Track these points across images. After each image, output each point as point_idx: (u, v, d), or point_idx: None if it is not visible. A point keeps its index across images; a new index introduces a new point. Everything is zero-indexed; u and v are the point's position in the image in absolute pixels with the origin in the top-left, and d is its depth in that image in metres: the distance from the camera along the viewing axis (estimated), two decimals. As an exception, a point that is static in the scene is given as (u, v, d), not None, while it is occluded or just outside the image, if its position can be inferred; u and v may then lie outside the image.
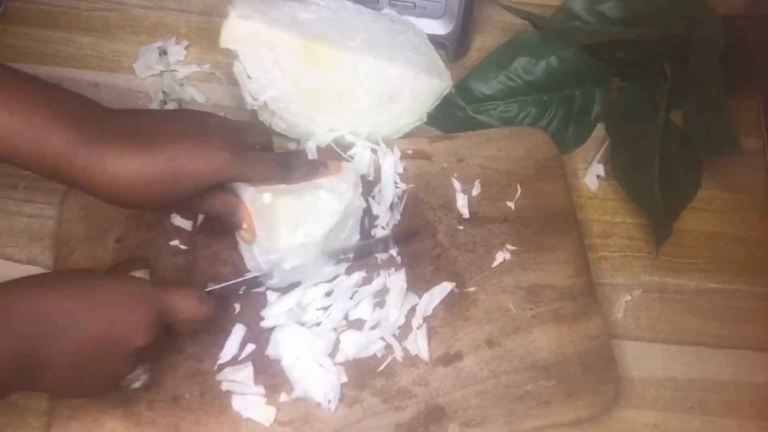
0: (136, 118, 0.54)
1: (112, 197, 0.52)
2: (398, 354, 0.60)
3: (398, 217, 0.66)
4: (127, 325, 0.50)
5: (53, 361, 0.48)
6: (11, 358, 0.46)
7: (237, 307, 0.61)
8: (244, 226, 0.58)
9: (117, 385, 0.54)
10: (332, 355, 0.59)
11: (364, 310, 0.61)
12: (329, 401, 0.58)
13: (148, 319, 0.51)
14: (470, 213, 0.66)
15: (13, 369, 0.47)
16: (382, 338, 0.60)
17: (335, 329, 0.60)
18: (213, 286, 0.58)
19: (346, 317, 0.61)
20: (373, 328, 0.60)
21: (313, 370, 0.58)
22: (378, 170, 0.67)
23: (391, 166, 0.67)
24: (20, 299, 0.48)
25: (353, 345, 0.59)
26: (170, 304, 0.53)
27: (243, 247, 0.61)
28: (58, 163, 0.50)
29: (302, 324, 0.60)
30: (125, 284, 0.53)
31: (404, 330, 0.61)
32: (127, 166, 0.51)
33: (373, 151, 0.68)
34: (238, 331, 0.60)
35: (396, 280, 0.62)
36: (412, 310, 0.62)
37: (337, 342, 0.60)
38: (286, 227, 0.58)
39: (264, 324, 0.60)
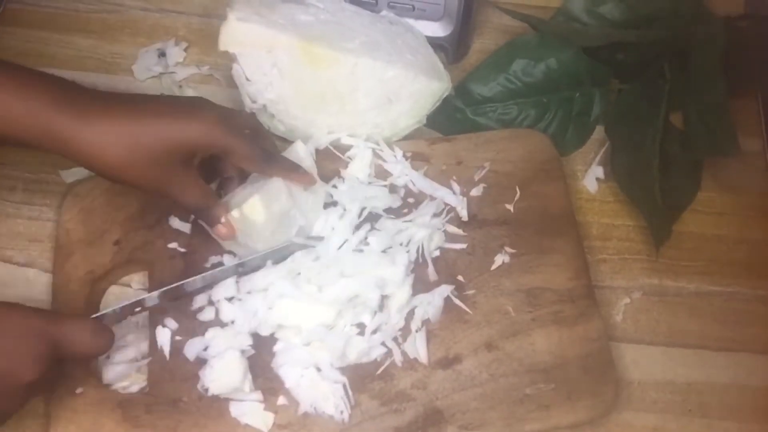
0: (119, 94, 0.57)
1: (100, 164, 0.53)
2: (397, 357, 0.60)
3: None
4: (15, 360, 0.48)
5: None
6: None
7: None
8: (222, 221, 0.58)
9: (5, 421, 0.51)
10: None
11: (365, 315, 0.60)
12: (341, 412, 0.57)
13: (39, 352, 0.48)
14: (469, 215, 0.66)
15: None
16: (382, 343, 0.60)
17: (340, 338, 0.59)
18: (103, 311, 0.55)
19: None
20: (374, 332, 0.60)
21: (319, 385, 0.58)
22: (378, 171, 0.67)
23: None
24: None
25: (356, 351, 0.59)
26: (62, 336, 0.50)
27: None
28: (48, 138, 0.52)
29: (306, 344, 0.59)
30: (11, 315, 0.49)
31: (403, 333, 0.61)
32: (112, 129, 0.52)
33: (375, 152, 0.67)
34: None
35: (406, 287, 0.61)
36: (411, 313, 0.61)
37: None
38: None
39: (277, 349, 0.59)
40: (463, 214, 0.66)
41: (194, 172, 0.57)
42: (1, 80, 0.52)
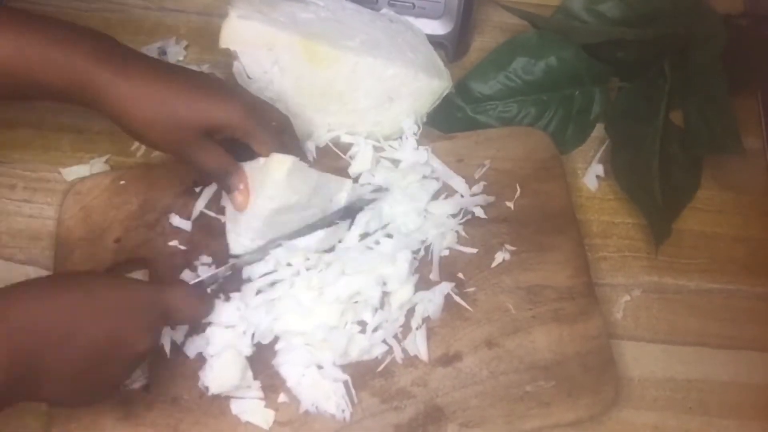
0: (157, 59, 0.59)
1: (128, 119, 0.55)
2: (398, 355, 0.60)
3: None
4: (131, 330, 0.50)
5: (52, 370, 0.47)
6: (8, 369, 0.45)
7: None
8: (240, 187, 0.59)
9: (116, 392, 0.54)
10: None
11: (366, 313, 0.60)
12: (343, 411, 0.57)
13: (151, 322, 0.51)
14: (469, 213, 0.66)
15: (11, 380, 0.45)
16: (384, 341, 0.60)
17: (343, 336, 0.59)
18: (201, 278, 0.58)
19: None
20: (375, 330, 0.60)
21: (321, 383, 0.58)
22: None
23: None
24: (17, 306, 0.47)
25: (357, 348, 0.59)
26: (171, 304, 0.52)
27: (229, 229, 0.61)
28: (85, 90, 0.54)
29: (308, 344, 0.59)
30: (126, 287, 0.52)
31: (403, 330, 0.61)
32: (146, 88, 0.55)
33: (376, 148, 0.68)
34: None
35: (409, 285, 0.61)
36: (412, 311, 0.62)
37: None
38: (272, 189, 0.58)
39: (279, 348, 0.59)
40: (478, 211, 0.66)
41: (215, 141, 0.58)
42: (46, 33, 0.54)
